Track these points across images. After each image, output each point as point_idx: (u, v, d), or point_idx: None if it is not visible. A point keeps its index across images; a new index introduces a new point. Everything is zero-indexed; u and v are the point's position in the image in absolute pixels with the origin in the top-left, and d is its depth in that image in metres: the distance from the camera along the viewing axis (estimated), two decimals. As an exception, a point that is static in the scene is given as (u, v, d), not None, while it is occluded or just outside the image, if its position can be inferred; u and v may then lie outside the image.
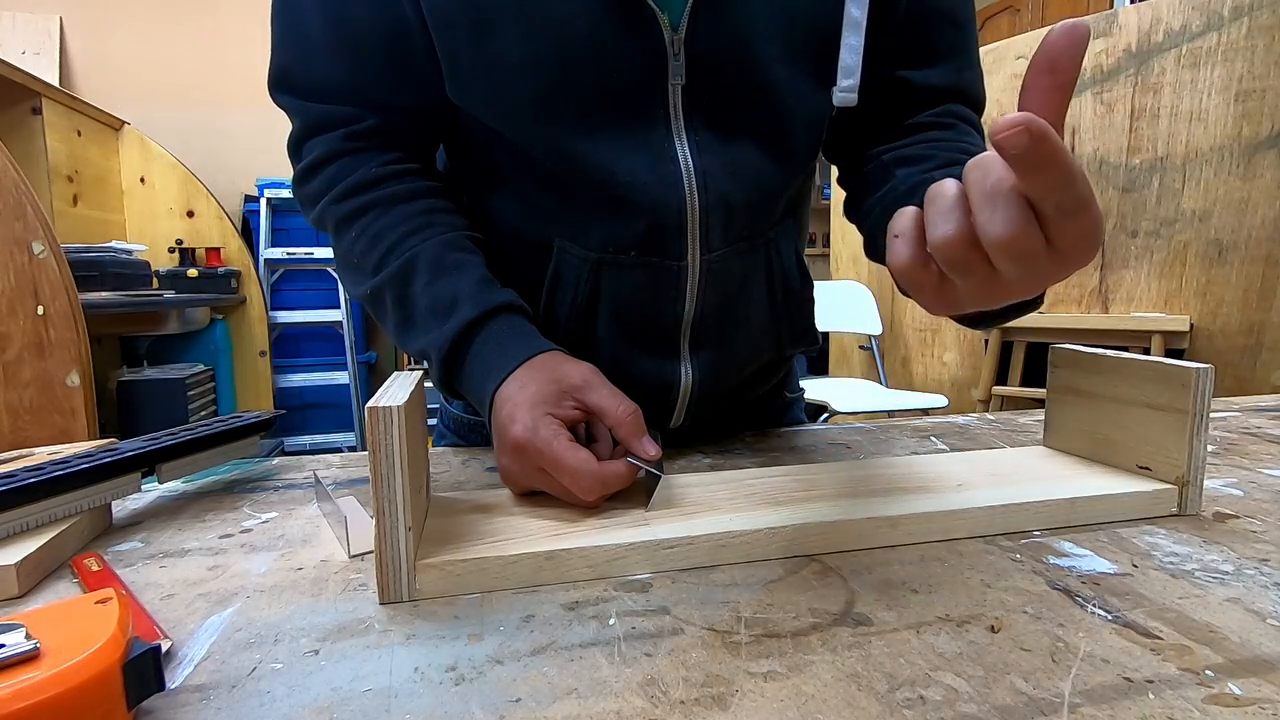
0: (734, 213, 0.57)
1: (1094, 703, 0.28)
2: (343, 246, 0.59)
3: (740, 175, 0.56)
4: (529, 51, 0.51)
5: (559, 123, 0.53)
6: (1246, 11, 1.87)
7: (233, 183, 3.82)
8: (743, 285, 0.62)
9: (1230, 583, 0.38)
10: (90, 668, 0.24)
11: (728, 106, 0.55)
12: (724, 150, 0.55)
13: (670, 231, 0.56)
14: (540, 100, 0.53)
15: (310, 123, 0.59)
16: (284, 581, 0.40)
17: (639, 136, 0.54)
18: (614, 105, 0.53)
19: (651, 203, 0.55)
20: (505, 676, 0.31)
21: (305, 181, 0.60)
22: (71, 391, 1.62)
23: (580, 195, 0.56)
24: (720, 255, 0.59)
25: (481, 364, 0.52)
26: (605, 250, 0.57)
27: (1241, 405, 0.86)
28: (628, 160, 0.54)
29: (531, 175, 0.58)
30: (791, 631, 0.34)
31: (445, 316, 0.53)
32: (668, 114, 0.54)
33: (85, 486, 0.45)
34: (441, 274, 0.55)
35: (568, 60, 0.51)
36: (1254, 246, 1.91)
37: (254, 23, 3.90)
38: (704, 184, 0.55)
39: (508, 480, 0.49)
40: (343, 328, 3.60)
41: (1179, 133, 1.99)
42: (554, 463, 0.44)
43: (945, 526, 0.45)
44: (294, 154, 0.61)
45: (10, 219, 1.54)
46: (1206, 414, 0.47)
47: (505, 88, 0.53)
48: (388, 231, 0.56)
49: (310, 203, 0.60)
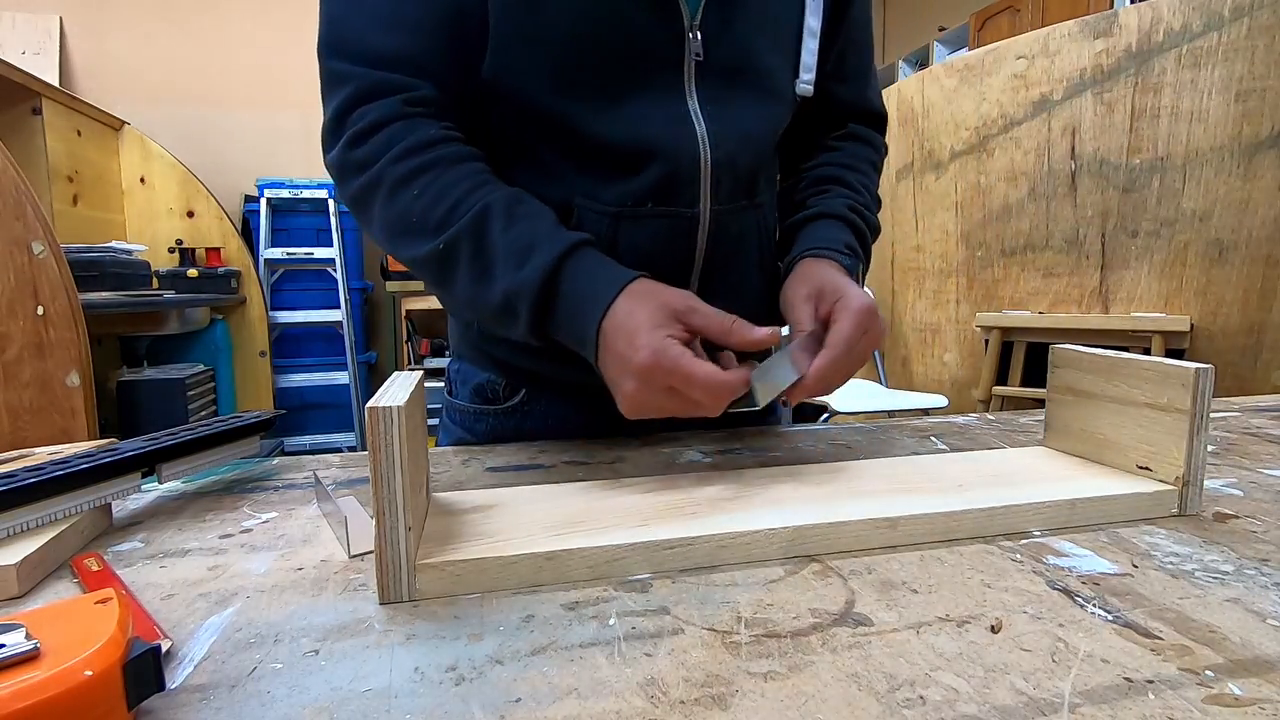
0: (738, 170, 0.66)
1: (1094, 703, 0.28)
2: (398, 206, 0.58)
3: (741, 139, 0.65)
4: (570, 26, 0.59)
5: (589, 90, 0.61)
6: (1247, 11, 1.86)
7: (233, 183, 3.82)
8: (739, 243, 0.69)
9: (1230, 583, 0.38)
10: (90, 668, 0.24)
11: (730, 84, 0.64)
12: (727, 118, 0.64)
13: (685, 182, 0.63)
14: (575, 69, 0.60)
15: (366, 89, 0.59)
16: (284, 581, 0.40)
17: (659, 103, 0.62)
18: (639, 76, 0.62)
19: (670, 156, 0.62)
20: (505, 676, 0.31)
21: (357, 145, 0.59)
22: (71, 391, 1.62)
23: (602, 157, 0.63)
24: (726, 209, 0.66)
25: (576, 297, 0.55)
26: (623, 205, 0.63)
27: (1241, 405, 0.86)
28: (649, 122, 0.62)
29: (553, 144, 0.63)
30: (791, 631, 0.34)
31: (527, 257, 0.55)
32: (683, 86, 0.63)
33: (85, 486, 0.45)
34: (516, 220, 0.57)
35: (602, 35, 0.59)
36: (1254, 246, 1.91)
37: (254, 23, 3.90)
38: (715, 143, 0.63)
39: (632, 406, 0.52)
40: (343, 328, 3.60)
41: (1179, 133, 1.99)
42: (686, 378, 0.49)
43: (945, 527, 0.45)
44: (340, 121, 0.60)
45: (10, 219, 1.54)
46: (1206, 414, 0.47)
47: (546, 58, 0.60)
48: (453, 187, 0.57)
49: (360, 167, 0.59)
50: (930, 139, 2.60)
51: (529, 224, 0.57)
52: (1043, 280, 2.30)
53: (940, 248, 2.60)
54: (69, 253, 1.83)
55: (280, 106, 3.98)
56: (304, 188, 3.54)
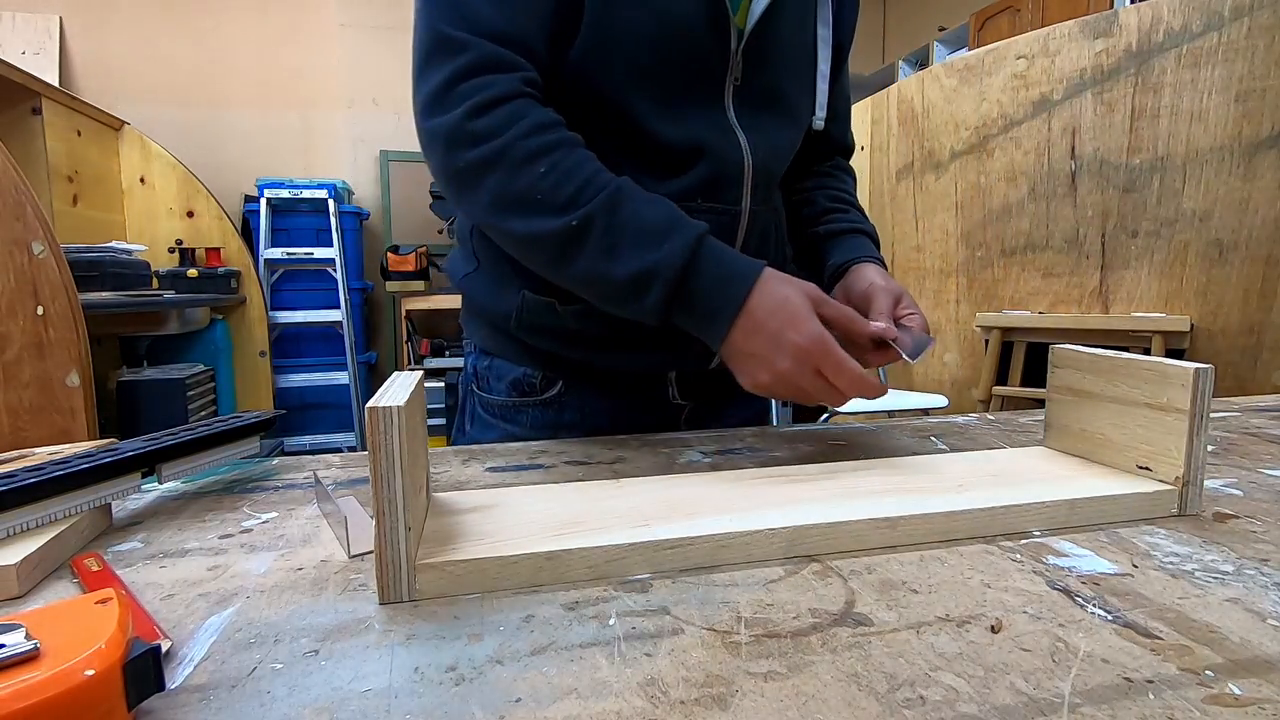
0: (770, 176, 0.76)
1: (1094, 703, 0.28)
2: (523, 181, 0.59)
3: (771, 152, 0.75)
4: (647, 30, 0.64)
5: (654, 91, 0.67)
6: (1247, 11, 1.86)
7: (233, 183, 3.82)
8: (764, 237, 0.78)
9: (1230, 583, 0.38)
10: (90, 668, 0.24)
11: (759, 107, 0.73)
12: (759, 133, 0.73)
13: (730, 181, 0.71)
14: (645, 71, 0.66)
15: (484, 59, 0.60)
16: (284, 581, 0.40)
17: (707, 113, 0.70)
18: (694, 86, 0.69)
19: (718, 158, 0.70)
20: (505, 676, 0.31)
21: (478, 115, 0.59)
22: (71, 391, 1.62)
23: (658, 154, 0.69)
24: (760, 208, 0.75)
25: (717, 276, 0.59)
26: (675, 199, 0.65)
27: (1241, 405, 0.86)
28: (700, 127, 0.69)
29: (615, 138, 0.67)
30: (791, 631, 0.34)
31: (665, 237, 0.59)
32: (724, 102, 0.70)
33: (85, 486, 0.45)
34: (647, 204, 0.60)
35: (670, 44, 0.66)
36: (1254, 246, 1.91)
37: (254, 23, 3.90)
38: (753, 150, 0.72)
39: (773, 381, 0.57)
40: (343, 328, 3.60)
41: (1179, 133, 1.99)
42: (837, 367, 0.55)
43: (945, 527, 0.45)
44: (451, 87, 0.60)
45: (10, 219, 1.54)
46: (1206, 414, 0.47)
47: (623, 57, 0.65)
48: (580, 167, 0.60)
49: (478, 139, 0.60)
50: (930, 139, 2.60)
51: (660, 207, 0.61)
52: (1043, 280, 2.30)
53: (940, 248, 2.61)
54: (69, 253, 1.83)
55: (280, 106, 3.99)
56: (304, 188, 3.54)
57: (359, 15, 4.05)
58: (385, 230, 4.12)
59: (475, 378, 0.81)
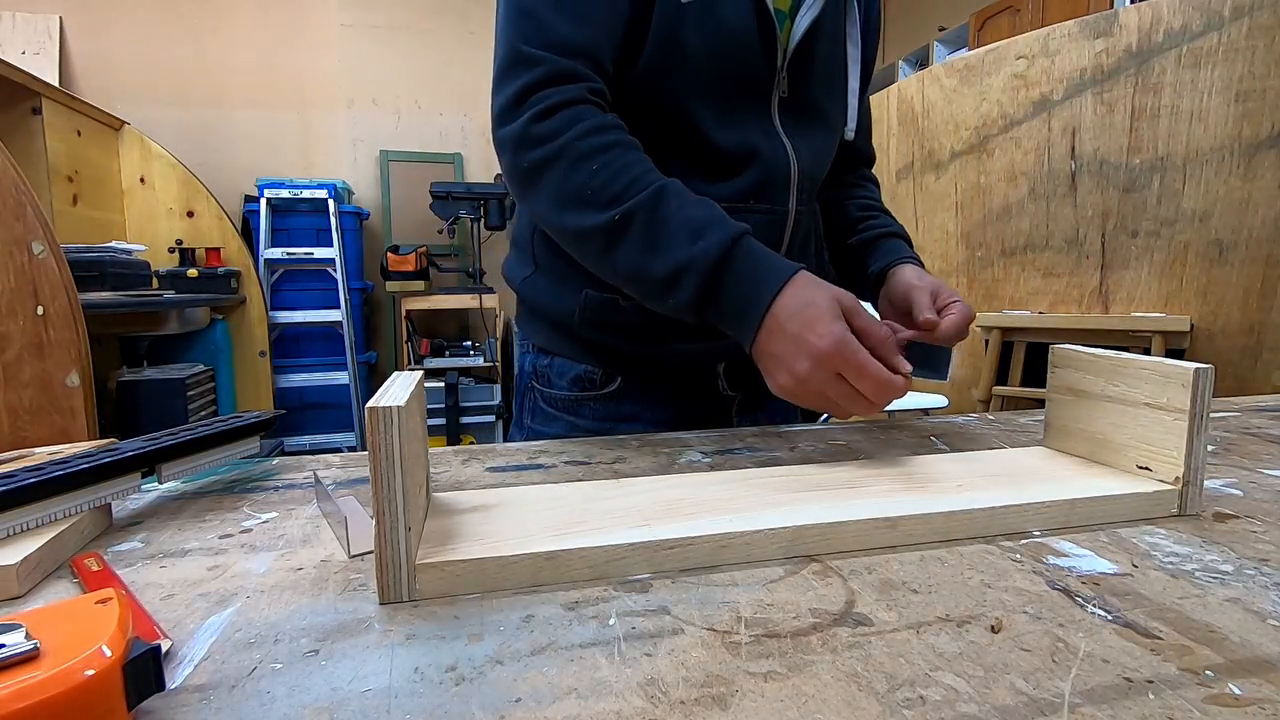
0: (813, 181, 0.82)
1: (1094, 703, 0.28)
2: (577, 178, 0.64)
3: (813, 159, 0.80)
4: (709, 43, 0.69)
5: (712, 99, 0.72)
6: (1247, 11, 1.86)
7: (233, 183, 3.82)
8: (807, 237, 0.84)
9: (1230, 583, 0.38)
10: (90, 668, 0.24)
11: (800, 118, 0.78)
12: (802, 141, 0.78)
13: (779, 185, 0.77)
14: (705, 80, 0.71)
15: (555, 72, 0.65)
16: (284, 581, 0.40)
17: (757, 121, 0.75)
18: (746, 96, 0.74)
19: (768, 162, 0.75)
20: (505, 676, 0.31)
21: (542, 119, 0.64)
22: (71, 391, 1.62)
23: (713, 158, 0.73)
24: (804, 209, 0.80)
25: (748, 275, 0.60)
26: (725, 201, 0.69)
27: (1241, 405, 0.86)
28: (752, 136, 0.74)
29: (672, 143, 0.71)
30: (791, 631, 0.34)
31: (701, 234, 0.61)
32: (770, 112, 0.76)
33: (85, 486, 0.45)
34: (690, 203, 0.63)
35: (728, 55, 0.71)
36: (1254, 247, 1.91)
37: (254, 23, 3.90)
38: (798, 157, 0.77)
39: (795, 384, 0.58)
40: (342, 328, 3.60)
41: (1179, 133, 1.99)
42: (859, 370, 0.55)
43: (945, 527, 0.45)
44: (523, 98, 0.65)
45: (10, 219, 1.54)
46: (1206, 414, 0.47)
47: (687, 67, 0.69)
48: (630, 167, 0.64)
49: (541, 140, 0.64)
50: (930, 139, 2.60)
51: (702, 208, 0.63)
52: (1043, 280, 2.30)
53: (940, 248, 2.60)
54: (69, 253, 1.83)
55: (280, 106, 3.99)
56: (304, 188, 3.54)
57: (359, 15, 4.06)
58: (385, 230, 4.12)
59: (535, 375, 0.85)
